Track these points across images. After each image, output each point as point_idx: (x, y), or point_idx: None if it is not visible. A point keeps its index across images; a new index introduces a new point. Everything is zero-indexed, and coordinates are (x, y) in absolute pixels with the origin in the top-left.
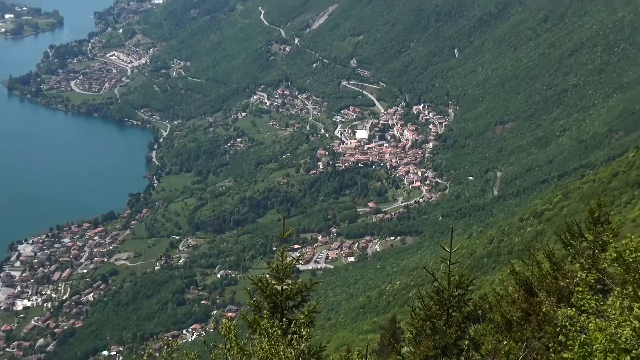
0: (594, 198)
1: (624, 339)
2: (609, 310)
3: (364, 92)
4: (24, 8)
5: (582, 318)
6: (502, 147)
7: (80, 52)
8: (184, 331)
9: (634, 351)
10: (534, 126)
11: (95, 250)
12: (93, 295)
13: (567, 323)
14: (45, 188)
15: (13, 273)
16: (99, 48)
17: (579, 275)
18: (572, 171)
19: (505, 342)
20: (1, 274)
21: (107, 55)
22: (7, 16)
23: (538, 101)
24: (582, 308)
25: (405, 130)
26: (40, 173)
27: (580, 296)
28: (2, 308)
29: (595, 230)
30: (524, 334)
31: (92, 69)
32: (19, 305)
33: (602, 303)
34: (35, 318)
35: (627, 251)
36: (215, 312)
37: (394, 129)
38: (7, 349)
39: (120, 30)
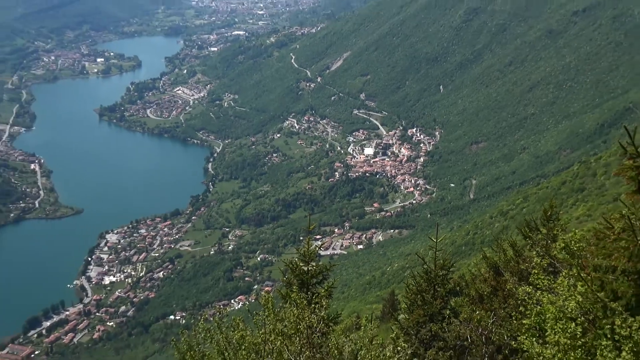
0: (547, 201)
1: (569, 310)
2: (558, 287)
3: (370, 118)
4: (112, 54)
5: (537, 294)
6: (476, 161)
7: (154, 87)
8: (232, 301)
9: (577, 319)
10: (501, 145)
11: (164, 238)
12: (163, 273)
13: (526, 297)
14: (126, 191)
15: (102, 256)
16: (168, 84)
17: (535, 260)
18: (530, 180)
19: (477, 312)
20: (93, 257)
21: (175, 90)
22: (98, 60)
23: (504, 126)
24: (538, 286)
25: (402, 148)
26: (122, 179)
27: (536, 276)
28: (93, 282)
29: (547, 225)
30: (493, 305)
31: (163, 100)
32: (106, 280)
33: (553, 282)
34: (119, 290)
35: (572, 242)
36: (256, 286)
37: (393, 147)
38: (97, 314)
39: (185, 71)
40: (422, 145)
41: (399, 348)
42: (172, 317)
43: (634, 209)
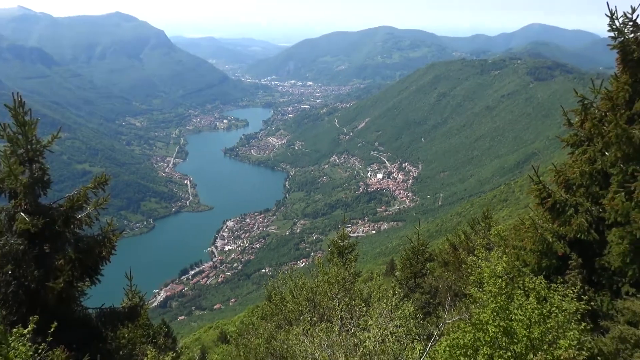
0: (485, 206)
1: (498, 271)
2: (492, 258)
3: (380, 156)
4: (232, 118)
5: (479, 261)
6: (442, 183)
7: (255, 137)
8: (298, 262)
9: (502, 277)
10: (457, 173)
11: (260, 224)
12: (258, 245)
13: (472, 264)
14: (238, 195)
15: (224, 234)
16: (264, 135)
17: (477, 241)
18: (475, 194)
19: (443, 271)
20: (218, 234)
21: (267, 139)
22: (224, 121)
23: (460, 162)
24: (479, 257)
25: (399, 174)
26: (236, 189)
27: (478, 251)
28: (218, 249)
29: (485, 221)
30: (452, 268)
31: (261, 145)
32: (226, 248)
33: (488, 255)
34: (233, 255)
35: (500, 231)
36: (312, 254)
37: (394, 174)
38: (220, 267)
39: (273, 128)
40: (410, 173)
41: (395, 291)
42: (263, 270)
43: (536, 213)
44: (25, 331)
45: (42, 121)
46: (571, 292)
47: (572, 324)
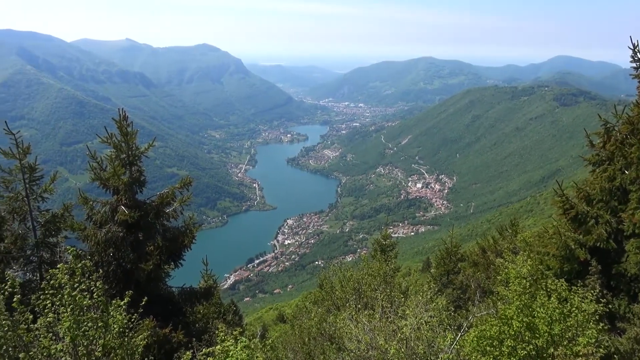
0: (512, 215)
1: (523, 272)
2: (518, 260)
3: (420, 169)
4: (295, 132)
5: (506, 263)
6: (475, 193)
7: (313, 149)
8: (347, 256)
9: (527, 278)
10: (488, 186)
11: (315, 223)
12: (313, 240)
13: (499, 265)
14: (298, 197)
15: (284, 230)
16: (320, 148)
17: (505, 245)
18: (504, 204)
19: (473, 271)
20: (280, 230)
21: (323, 151)
22: (288, 135)
23: (490, 176)
24: (506, 259)
25: (436, 185)
26: (296, 192)
27: (505, 254)
28: (280, 243)
29: (512, 228)
30: (482, 268)
31: (317, 155)
32: (286, 242)
33: (514, 258)
34: (292, 248)
35: (526, 237)
36: (358, 250)
37: (432, 184)
38: (280, 258)
39: (329, 142)
40: (446, 183)
41: (430, 286)
42: (317, 262)
43: (559, 223)
44: (122, 303)
45: (141, 132)
46: (590, 294)
47: (591, 323)
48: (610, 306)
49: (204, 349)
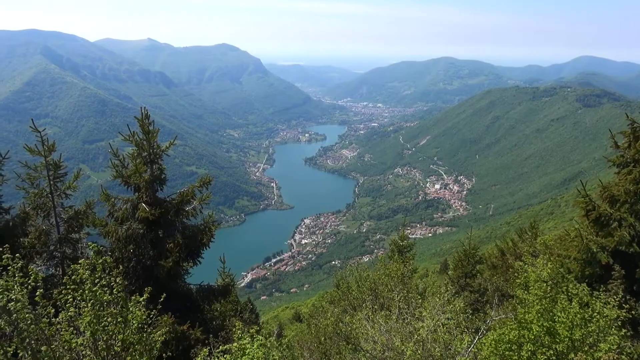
0: (532, 217)
1: (543, 276)
2: (538, 264)
3: (438, 169)
4: (312, 132)
5: (525, 266)
6: (494, 195)
7: (331, 149)
8: (364, 257)
9: (547, 282)
10: (508, 187)
11: (332, 223)
12: (330, 240)
13: (519, 268)
14: (315, 197)
15: (301, 229)
16: (338, 148)
17: (525, 248)
18: (523, 206)
19: (491, 274)
20: (297, 229)
21: (341, 151)
22: (306, 135)
23: (510, 178)
24: (526, 262)
25: (454, 186)
26: (316, 191)
27: (525, 257)
28: (296, 242)
29: (532, 230)
30: (500, 271)
31: (335, 155)
32: (303, 241)
33: (534, 261)
34: (308, 247)
35: (546, 240)
36: (375, 250)
37: (450, 185)
38: (297, 257)
39: (347, 142)
40: (465, 185)
41: (448, 288)
42: (333, 262)
43: (581, 225)
44: (141, 299)
45: (162, 131)
46: (613, 300)
47: (613, 329)
48: (633, 312)
49: (220, 346)
